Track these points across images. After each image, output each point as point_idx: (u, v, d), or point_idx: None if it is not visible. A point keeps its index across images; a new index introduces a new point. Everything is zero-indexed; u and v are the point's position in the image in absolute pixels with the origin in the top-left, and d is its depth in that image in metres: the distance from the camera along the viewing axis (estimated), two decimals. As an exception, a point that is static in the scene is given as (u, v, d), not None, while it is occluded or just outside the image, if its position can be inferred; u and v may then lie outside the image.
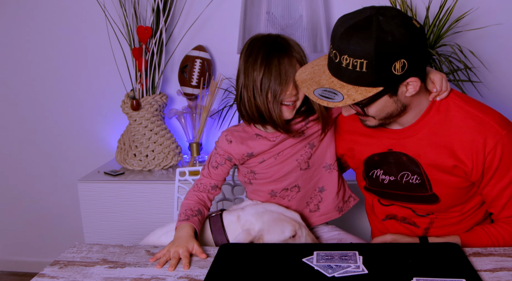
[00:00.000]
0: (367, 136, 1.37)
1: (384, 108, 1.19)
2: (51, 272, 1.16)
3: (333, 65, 1.14)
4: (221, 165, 1.45)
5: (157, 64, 2.27)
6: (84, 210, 2.23)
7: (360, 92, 1.11)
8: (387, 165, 1.35)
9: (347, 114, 1.23)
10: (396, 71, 1.10)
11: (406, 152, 1.30)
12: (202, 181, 1.46)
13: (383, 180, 1.37)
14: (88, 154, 2.63)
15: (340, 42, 1.11)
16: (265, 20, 2.02)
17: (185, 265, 1.17)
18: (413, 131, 1.28)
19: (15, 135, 2.69)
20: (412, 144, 1.29)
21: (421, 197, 1.33)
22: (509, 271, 1.08)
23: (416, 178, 1.31)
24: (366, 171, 1.41)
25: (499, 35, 2.18)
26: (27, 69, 2.59)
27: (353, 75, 1.10)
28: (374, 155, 1.37)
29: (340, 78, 1.13)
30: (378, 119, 1.23)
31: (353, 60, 1.09)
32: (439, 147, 1.25)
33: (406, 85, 1.15)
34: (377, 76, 1.10)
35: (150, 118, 2.29)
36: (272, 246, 1.23)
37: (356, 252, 1.14)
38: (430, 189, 1.30)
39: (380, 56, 1.07)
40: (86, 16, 2.45)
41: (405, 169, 1.32)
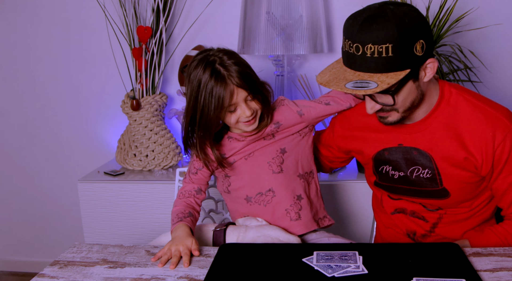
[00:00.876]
0: (377, 131, 1.39)
1: (409, 95, 1.21)
2: (51, 272, 1.16)
3: (355, 60, 1.16)
4: (200, 170, 1.47)
5: (157, 64, 2.27)
6: (84, 210, 2.23)
7: (391, 76, 1.13)
8: (396, 160, 1.36)
9: (372, 111, 1.24)
10: (418, 52, 1.14)
11: (417, 146, 1.31)
12: (185, 188, 1.49)
13: (393, 175, 1.38)
14: (88, 154, 2.63)
15: (360, 34, 1.13)
16: (265, 20, 2.02)
17: (185, 263, 1.18)
18: (424, 125, 1.30)
19: (15, 135, 2.69)
20: (423, 138, 1.30)
21: (431, 192, 1.33)
22: (509, 271, 1.08)
23: (427, 172, 1.32)
24: (376, 167, 1.41)
25: (499, 35, 2.18)
26: (27, 69, 2.59)
27: (380, 62, 1.13)
28: (384, 150, 1.37)
29: (366, 70, 1.15)
30: (402, 111, 1.24)
31: (378, 47, 1.12)
32: (450, 140, 1.27)
33: (424, 68, 1.19)
34: (402, 59, 1.13)
35: (150, 118, 2.29)
36: (272, 246, 1.23)
37: (356, 252, 1.14)
38: (441, 184, 1.31)
39: (403, 37, 1.12)
40: (86, 16, 2.45)
41: (416, 164, 1.33)
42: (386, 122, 1.28)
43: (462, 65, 2.07)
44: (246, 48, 2.07)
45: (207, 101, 1.31)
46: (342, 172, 2.20)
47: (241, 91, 1.33)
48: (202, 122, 1.34)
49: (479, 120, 1.25)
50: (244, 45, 2.08)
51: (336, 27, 2.28)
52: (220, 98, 1.30)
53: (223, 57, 1.33)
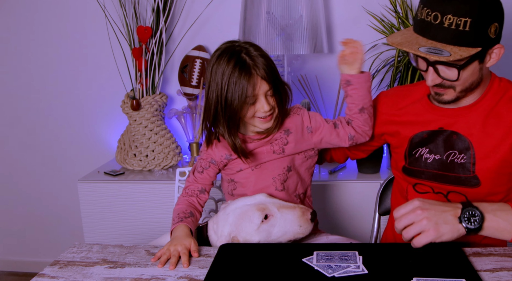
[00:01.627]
0: (418, 114, 1.40)
1: (471, 75, 1.23)
2: (51, 272, 1.16)
3: (431, 28, 1.18)
4: (206, 169, 1.46)
5: (157, 64, 2.27)
6: (84, 210, 2.23)
7: (463, 50, 1.16)
8: (434, 143, 1.36)
9: (432, 83, 1.25)
10: (491, 34, 1.17)
11: (458, 130, 1.33)
12: (189, 187, 1.48)
13: (427, 159, 1.38)
14: (88, 154, 2.63)
15: (443, 3, 1.15)
16: (265, 20, 2.02)
17: (184, 263, 1.18)
18: (469, 111, 1.32)
19: (15, 135, 2.69)
20: (466, 123, 1.32)
21: (462, 179, 1.33)
22: (509, 271, 1.08)
23: (462, 157, 1.32)
24: (410, 149, 1.41)
25: (499, 35, 2.18)
26: (27, 69, 2.59)
27: (456, 34, 1.15)
28: (423, 132, 1.38)
29: (439, 40, 1.17)
30: (459, 91, 1.26)
31: (457, 19, 1.14)
32: (492, 128, 1.29)
33: (491, 53, 1.22)
34: (476, 36, 1.15)
35: (150, 118, 2.29)
36: (272, 246, 1.23)
37: (356, 252, 1.14)
38: (473, 171, 1.31)
39: (482, 15, 1.14)
40: (86, 16, 2.45)
41: (453, 148, 1.33)
42: (441, 100, 1.30)
43: (462, 65, 2.07)
44: (246, 48, 2.07)
45: (231, 91, 1.29)
46: (342, 172, 2.20)
47: (264, 84, 1.32)
48: (227, 112, 1.32)
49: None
50: (244, 45, 2.08)
51: (336, 27, 2.28)
52: (244, 88, 1.29)
53: (250, 48, 1.33)
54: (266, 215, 1.28)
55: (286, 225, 1.29)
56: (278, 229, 1.28)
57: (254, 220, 1.27)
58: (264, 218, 1.27)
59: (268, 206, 1.29)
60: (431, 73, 1.24)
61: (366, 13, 2.20)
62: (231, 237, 1.28)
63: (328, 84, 2.34)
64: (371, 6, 2.21)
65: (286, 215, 1.29)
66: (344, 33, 2.28)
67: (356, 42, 1.39)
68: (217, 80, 1.32)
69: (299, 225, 1.29)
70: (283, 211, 1.29)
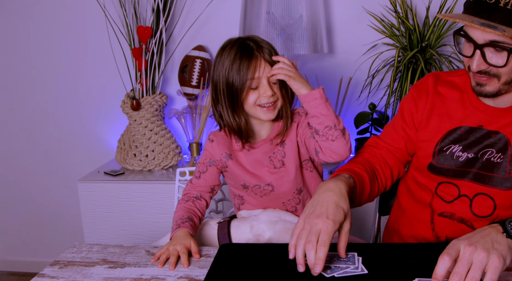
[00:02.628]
0: (460, 107, 1.33)
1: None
2: (51, 272, 1.16)
3: (485, 8, 1.13)
4: (203, 173, 1.45)
5: (157, 64, 2.27)
6: (84, 210, 2.23)
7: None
8: (469, 140, 1.30)
9: (477, 68, 1.19)
10: None
11: (497, 129, 1.27)
12: (187, 194, 1.46)
13: (459, 157, 1.31)
14: (88, 154, 2.63)
15: None
16: (265, 20, 2.02)
17: (184, 263, 1.17)
18: (511, 112, 1.26)
19: (15, 135, 2.69)
20: (508, 122, 1.26)
21: (495, 179, 1.28)
22: (509, 271, 1.08)
23: (499, 156, 1.26)
24: (442, 146, 1.34)
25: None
26: (27, 69, 2.59)
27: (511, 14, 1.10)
28: (461, 128, 1.32)
29: (493, 20, 1.12)
30: (502, 82, 1.20)
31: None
32: None
33: None
34: None
35: (150, 118, 2.29)
36: (272, 246, 1.23)
37: (355, 253, 1.14)
38: (509, 172, 1.26)
39: None
40: (86, 16, 2.45)
41: (490, 146, 1.28)
42: (482, 91, 1.23)
43: (462, 65, 2.07)
44: (246, 48, 2.07)
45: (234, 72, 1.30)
46: (342, 172, 2.20)
47: (267, 67, 1.31)
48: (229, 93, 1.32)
49: None
50: (244, 45, 2.08)
51: (336, 27, 2.28)
52: (245, 68, 1.29)
53: (256, 37, 1.36)
54: None
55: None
56: None
57: None
58: None
59: None
60: (477, 57, 1.18)
61: (366, 13, 2.20)
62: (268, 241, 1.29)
63: (328, 84, 2.34)
64: (371, 6, 2.21)
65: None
66: (344, 33, 2.28)
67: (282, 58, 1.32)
68: (222, 63, 1.33)
69: None
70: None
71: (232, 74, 1.30)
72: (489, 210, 1.30)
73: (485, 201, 1.30)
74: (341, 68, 2.32)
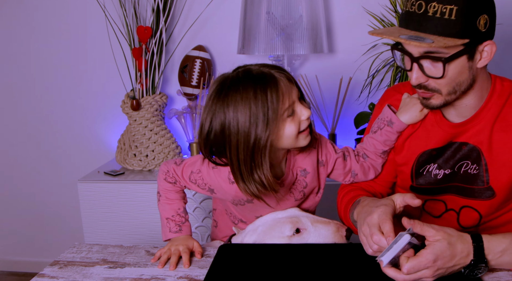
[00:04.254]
0: (426, 130, 1.32)
1: (459, 74, 1.15)
2: (51, 272, 1.16)
3: (414, 18, 1.11)
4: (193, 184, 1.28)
5: (157, 64, 2.27)
6: (84, 210, 2.23)
7: (448, 40, 1.08)
8: (443, 157, 1.30)
9: (416, 82, 1.17)
10: (480, 27, 1.10)
11: (467, 140, 1.26)
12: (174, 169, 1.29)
13: (436, 175, 1.31)
14: (88, 154, 2.63)
15: None
16: (265, 20, 2.02)
17: (185, 263, 1.17)
18: (477, 121, 1.24)
19: (15, 135, 2.69)
20: (474, 132, 1.25)
21: (476, 191, 1.27)
22: (509, 271, 1.08)
23: (475, 167, 1.26)
24: (417, 168, 1.34)
25: (499, 35, 2.18)
26: (27, 69, 2.59)
27: (441, 23, 1.08)
28: (432, 150, 1.31)
29: (423, 30, 1.10)
30: (446, 93, 1.18)
31: (442, 6, 1.07)
32: (501, 133, 1.22)
33: (481, 52, 1.14)
34: (464, 26, 1.08)
35: (150, 118, 2.29)
36: (271, 247, 1.23)
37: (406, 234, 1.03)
38: (487, 182, 1.25)
39: (470, 3, 1.07)
40: (86, 16, 2.45)
41: (464, 158, 1.27)
42: (429, 105, 1.21)
43: (462, 65, 2.07)
44: (246, 48, 2.08)
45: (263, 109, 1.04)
46: (342, 172, 2.20)
47: (294, 88, 1.12)
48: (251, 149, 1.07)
49: None
50: (244, 45, 2.08)
51: (336, 27, 2.28)
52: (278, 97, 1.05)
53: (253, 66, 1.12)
54: (298, 228, 1.22)
55: (319, 241, 1.23)
56: None
57: (285, 232, 1.22)
58: (296, 231, 1.22)
59: (301, 219, 1.24)
60: (415, 70, 1.16)
61: (366, 13, 2.20)
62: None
63: (328, 84, 2.34)
64: (371, 6, 2.21)
65: (320, 230, 1.23)
66: (344, 33, 2.28)
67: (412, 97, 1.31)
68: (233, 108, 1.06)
69: (333, 241, 1.24)
70: (317, 226, 1.23)
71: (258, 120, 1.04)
72: (475, 222, 1.31)
73: (470, 213, 1.31)
74: (341, 68, 2.32)
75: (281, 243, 1.26)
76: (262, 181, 1.10)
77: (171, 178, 1.31)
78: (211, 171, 1.23)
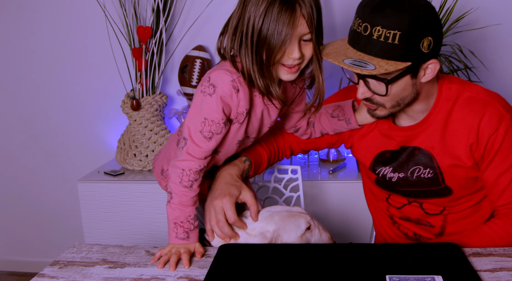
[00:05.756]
0: (381, 132, 1.38)
1: (403, 90, 1.19)
2: (51, 272, 1.16)
3: (360, 40, 1.15)
4: (217, 135, 1.20)
5: (157, 64, 2.27)
6: (84, 210, 2.23)
7: (391, 64, 1.12)
8: (397, 161, 1.35)
9: (362, 96, 1.23)
10: (423, 48, 1.13)
11: (419, 145, 1.31)
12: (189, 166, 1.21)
13: (391, 178, 1.37)
14: (88, 154, 2.63)
15: (372, 15, 1.12)
16: (265, 20, 2.02)
17: (185, 263, 1.17)
18: (427, 125, 1.29)
19: (15, 135, 2.69)
20: (425, 137, 1.30)
21: (433, 191, 1.32)
22: (509, 271, 1.08)
23: (428, 172, 1.30)
24: (375, 168, 1.40)
25: (499, 35, 2.18)
26: (27, 69, 2.59)
27: (384, 47, 1.11)
28: (386, 152, 1.37)
29: (368, 52, 1.13)
30: (389, 107, 1.23)
31: (386, 31, 1.10)
32: (450, 137, 1.27)
33: (425, 68, 1.18)
34: (407, 50, 1.11)
35: (150, 118, 2.29)
36: (271, 247, 1.23)
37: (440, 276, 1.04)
38: (443, 182, 1.30)
39: (413, 29, 1.10)
40: (86, 16, 2.45)
41: (417, 164, 1.32)
42: (375, 115, 1.28)
43: (462, 65, 2.07)
44: (246, 48, 2.07)
45: (269, 24, 1.10)
46: (342, 172, 2.20)
47: (304, 26, 1.13)
48: (259, 51, 1.13)
49: (477, 111, 1.24)
50: (244, 45, 2.08)
51: (336, 27, 2.28)
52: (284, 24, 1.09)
53: None
54: (310, 225, 1.28)
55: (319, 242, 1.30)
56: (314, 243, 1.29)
57: (301, 226, 1.26)
58: (307, 228, 1.27)
59: (312, 218, 1.30)
60: (361, 85, 1.21)
61: (366, 13, 2.20)
62: (275, 234, 1.25)
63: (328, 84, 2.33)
64: (371, 6, 2.21)
65: (322, 233, 1.30)
66: (344, 33, 2.28)
67: None
68: (255, 5, 1.13)
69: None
70: (320, 228, 1.30)
71: (267, 24, 1.11)
72: (439, 208, 1.37)
73: (432, 205, 1.37)
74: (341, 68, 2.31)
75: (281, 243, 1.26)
76: (272, 80, 1.17)
77: (187, 182, 1.21)
78: (232, 94, 1.18)
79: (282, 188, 1.71)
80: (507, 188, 1.25)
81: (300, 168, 1.71)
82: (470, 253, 1.17)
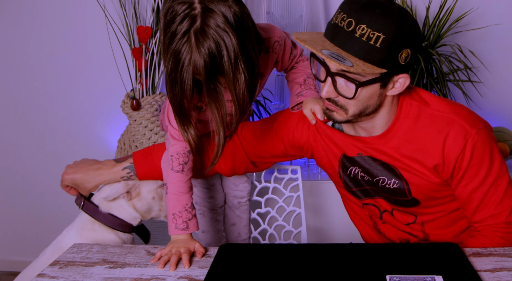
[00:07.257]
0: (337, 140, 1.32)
1: (370, 98, 1.15)
2: (51, 272, 1.16)
3: (341, 34, 1.09)
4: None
5: (157, 64, 2.27)
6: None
7: (367, 66, 1.08)
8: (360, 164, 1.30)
9: (326, 95, 1.16)
10: (401, 60, 1.10)
11: (380, 158, 1.26)
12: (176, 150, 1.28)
13: (363, 177, 1.31)
14: (88, 154, 2.62)
15: (361, 11, 1.07)
16: (265, 20, 2.02)
17: (185, 263, 1.17)
18: (385, 141, 1.24)
19: (15, 135, 2.69)
20: (386, 152, 1.25)
21: (401, 201, 1.28)
22: (509, 271, 1.08)
23: (393, 182, 1.26)
24: (344, 169, 1.34)
25: (499, 35, 2.18)
26: (27, 69, 2.59)
27: (365, 47, 1.07)
28: (344, 155, 1.32)
29: (347, 49, 1.09)
30: (350, 114, 1.18)
31: (370, 31, 1.06)
32: (413, 153, 1.22)
33: (395, 82, 1.15)
34: (386, 56, 1.08)
35: (150, 118, 2.29)
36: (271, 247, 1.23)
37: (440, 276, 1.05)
38: (410, 194, 1.26)
39: (397, 36, 1.07)
40: (86, 16, 2.45)
41: (381, 175, 1.27)
42: (330, 116, 1.21)
43: (462, 65, 2.07)
44: (246, 48, 2.07)
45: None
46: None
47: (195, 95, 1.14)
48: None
49: (440, 129, 1.19)
50: (244, 45, 2.08)
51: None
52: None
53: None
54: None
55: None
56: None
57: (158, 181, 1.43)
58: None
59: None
60: (328, 84, 1.14)
61: (366, 13, 2.20)
62: (136, 183, 1.46)
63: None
64: (371, 6, 2.21)
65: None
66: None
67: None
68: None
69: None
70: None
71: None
72: (411, 218, 1.33)
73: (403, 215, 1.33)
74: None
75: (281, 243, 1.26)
76: None
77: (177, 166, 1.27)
78: None
79: (282, 188, 1.71)
80: (480, 205, 1.21)
81: (300, 168, 1.71)
82: (470, 253, 1.17)
